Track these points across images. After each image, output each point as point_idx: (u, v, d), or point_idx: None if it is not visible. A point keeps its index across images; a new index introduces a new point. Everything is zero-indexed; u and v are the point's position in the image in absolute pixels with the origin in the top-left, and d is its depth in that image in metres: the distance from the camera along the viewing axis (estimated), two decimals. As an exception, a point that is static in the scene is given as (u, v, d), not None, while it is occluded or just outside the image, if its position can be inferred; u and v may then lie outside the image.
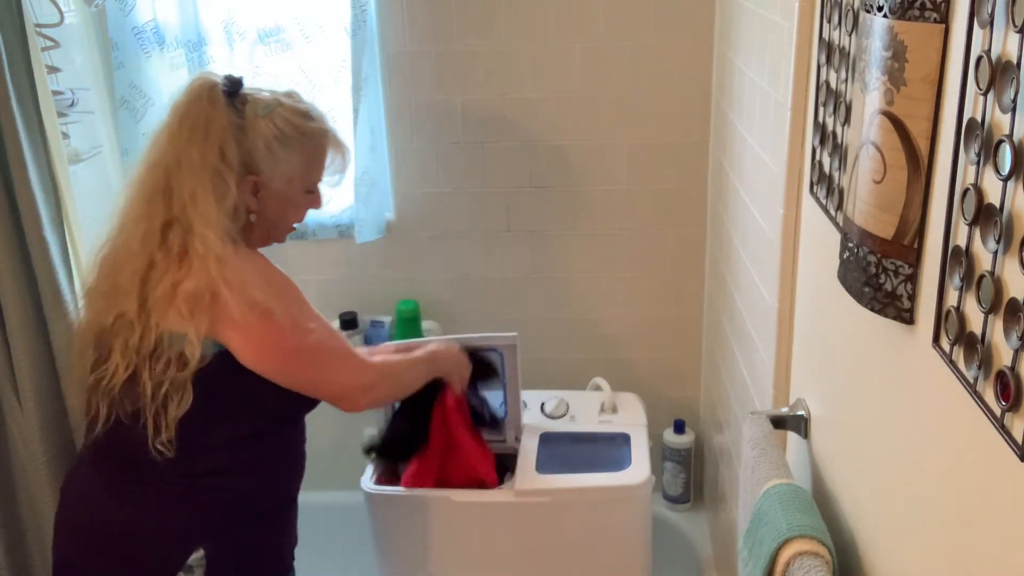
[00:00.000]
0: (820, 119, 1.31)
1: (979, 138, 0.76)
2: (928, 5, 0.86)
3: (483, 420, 2.01)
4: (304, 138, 1.51)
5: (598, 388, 2.31)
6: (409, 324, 2.45)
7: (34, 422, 1.68)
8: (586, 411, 2.24)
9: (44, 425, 1.69)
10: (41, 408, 1.68)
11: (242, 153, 1.45)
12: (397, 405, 1.93)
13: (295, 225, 1.59)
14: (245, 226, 1.48)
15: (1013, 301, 0.71)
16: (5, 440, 1.73)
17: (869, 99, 0.97)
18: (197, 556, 1.48)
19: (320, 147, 1.54)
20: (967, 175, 0.80)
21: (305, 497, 1.64)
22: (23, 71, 1.65)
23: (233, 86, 1.48)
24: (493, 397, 2.20)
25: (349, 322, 2.48)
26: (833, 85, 1.24)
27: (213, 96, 1.45)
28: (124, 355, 1.41)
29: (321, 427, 2.62)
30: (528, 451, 2.09)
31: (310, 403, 1.56)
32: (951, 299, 0.84)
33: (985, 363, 0.76)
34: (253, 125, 1.46)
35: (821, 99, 1.31)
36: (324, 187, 1.60)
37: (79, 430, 1.71)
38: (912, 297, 0.94)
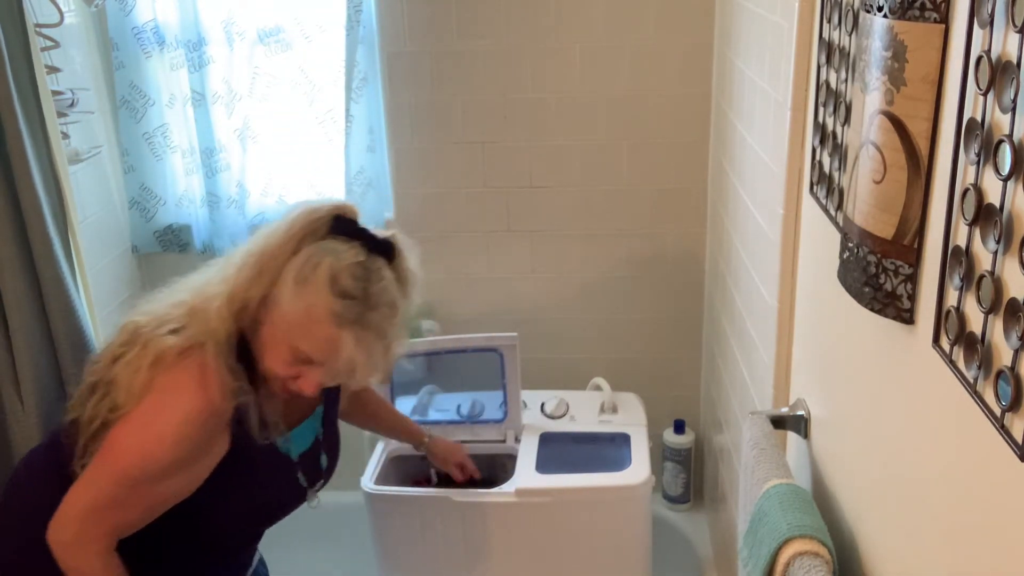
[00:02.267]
0: (820, 119, 1.31)
1: (979, 138, 0.76)
2: (928, 5, 0.86)
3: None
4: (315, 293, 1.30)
5: (598, 388, 2.31)
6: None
7: (35, 421, 1.68)
8: (586, 411, 2.24)
9: (45, 424, 1.69)
10: (42, 407, 1.68)
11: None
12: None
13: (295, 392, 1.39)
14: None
15: (1013, 301, 0.71)
16: (7, 439, 1.72)
17: (869, 99, 0.97)
18: None
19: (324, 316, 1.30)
20: (967, 175, 0.80)
21: (305, 497, 1.63)
22: (24, 71, 1.65)
23: (338, 224, 1.36)
24: (493, 397, 2.20)
25: (349, 322, 2.48)
26: (833, 85, 1.24)
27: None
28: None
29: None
30: (528, 451, 2.09)
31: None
32: (951, 299, 0.84)
33: (985, 363, 0.76)
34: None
35: (821, 99, 1.31)
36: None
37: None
38: (912, 297, 0.94)
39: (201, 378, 1.31)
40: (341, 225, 1.35)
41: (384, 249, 1.37)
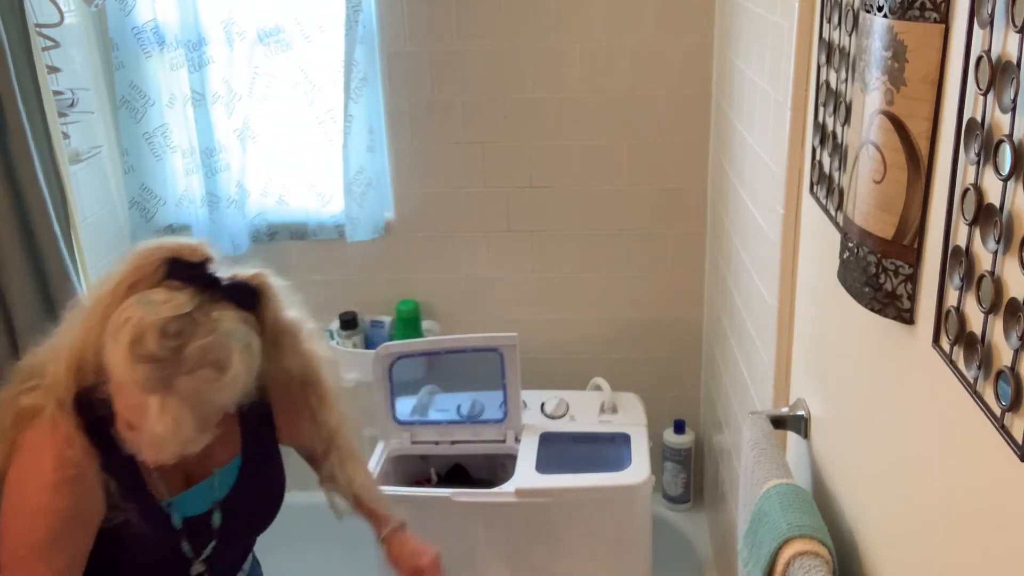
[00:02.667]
0: (820, 119, 1.31)
1: (979, 138, 0.76)
2: (928, 5, 0.86)
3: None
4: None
5: (598, 388, 2.31)
6: (409, 324, 2.45)
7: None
8: (586, 411, 2.24)
9: None
10: None
11: None
12: None
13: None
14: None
15: (1013, 301, 0.71)
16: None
17: (869, 99, 0.97)
18: None
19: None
20: (967, 175, 0.80)
21: (305, 497, 1.62)
22: (25, 71, 1.65)
23: (173, 268, 1.18)
24: (493, 397, 2.20)
25: (349, 322, 2.48)
26: (833, 85, 1.24)
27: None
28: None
29: (321, 427, 2.62)
30: (528, 451, 2.09)
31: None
32: (951, 299, 0.84)
33: (985, 363, 0.76)
34: None
35: (821, 99, 1.31)
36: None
37: None
38: (912, 297, 0.94)
39: (39, 445, 1.19)
40: (176, 269, 1.16)
41: (234, 295, 1.17)
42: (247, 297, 1.19)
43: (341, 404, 1.43)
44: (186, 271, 1.16)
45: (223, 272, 1.19)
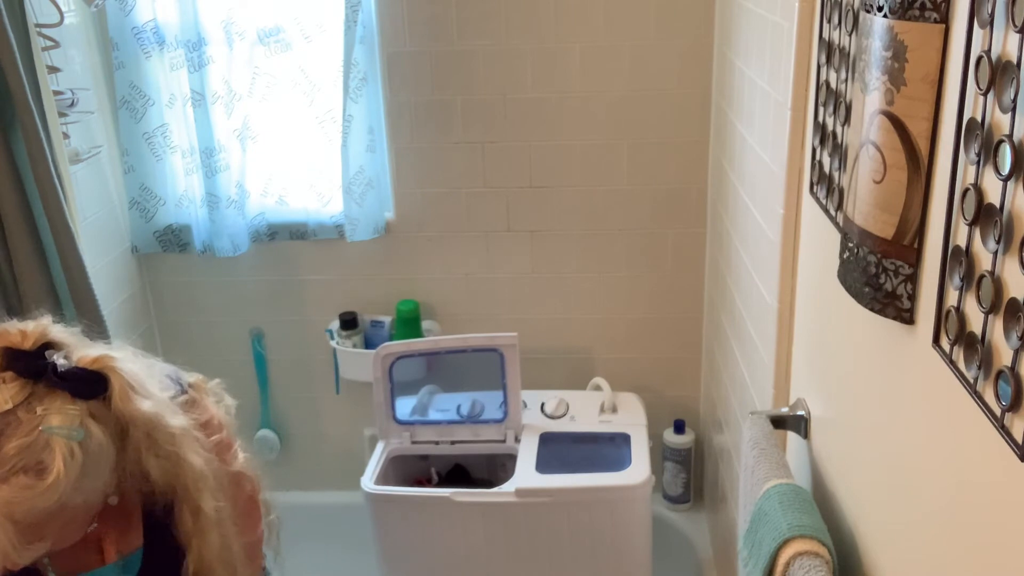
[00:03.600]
0: (820, 119, 1.31)
1: (979, 138, 0.76)
2: (928, 5, 0.86)
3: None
4: None
5: (598, 388, 2.31)
6: (409, 324, 2.45)
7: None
8: (586, 411, 2.24)
9: None
10: None
11: None
12: None
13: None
14: None
15: (1013, 301, 0.71)
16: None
17: (869, 99, 0.97)
18: None
19: None
20: (967, 175, 0.80)
21: (305, 497, 1.63)
22: (27, 71, 1.65)
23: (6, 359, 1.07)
24: (493, 397, 2.20)
25: (349, 322, 2.48)
26: (833, 85, 1.24)
27: None
28: None
29: (321, 428, 2.62)
30: (528, 451, 2.10)
31: None
32: (951, 299, 0.84)
33: (985, 363, 0.76)
34: None
35: (821, 99, 1.31)
36: None
37: None
38: (912, 297, 0.94)
39: None
40: (8, 360, 1.05)
41: (67, 385, 1.05)
42: (83, 386, 1.06)
43: (228, 550, 1.22)
44: (15, 362, 1.04)
45: (64, 357, 1.07)
